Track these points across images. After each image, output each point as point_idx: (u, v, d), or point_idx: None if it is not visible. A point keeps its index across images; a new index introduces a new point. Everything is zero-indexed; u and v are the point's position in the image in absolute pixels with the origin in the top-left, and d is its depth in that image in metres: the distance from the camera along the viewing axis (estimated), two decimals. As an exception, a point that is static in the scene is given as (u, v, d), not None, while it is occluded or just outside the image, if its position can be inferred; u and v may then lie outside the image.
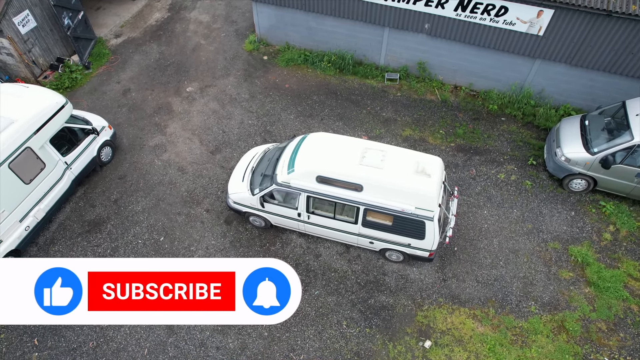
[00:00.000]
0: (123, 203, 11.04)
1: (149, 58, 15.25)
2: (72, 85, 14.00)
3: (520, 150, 12.28)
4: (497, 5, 11.64)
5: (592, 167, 10.59)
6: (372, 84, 14.24)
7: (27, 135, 9.23)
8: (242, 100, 13.73)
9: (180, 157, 12.12)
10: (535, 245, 10.29)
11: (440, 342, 8.85)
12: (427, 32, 12.99)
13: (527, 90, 13.10)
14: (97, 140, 11.16)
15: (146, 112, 13.35)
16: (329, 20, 14.00)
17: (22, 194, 9.39)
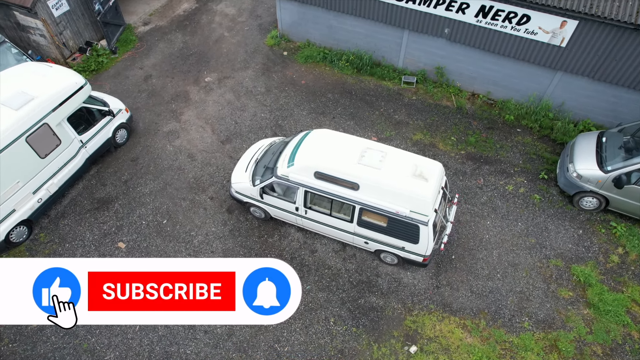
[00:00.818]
0: (132, 184, 11.43)
1: (173, 47, 15.68)
2: (97, 68, 14.57)
3: (532, 163, 11.97)
4: (519, 14, 11.38)
5: (605, 185, 10.22)
6: (388, 86, 14.18)
7: (45, 112, 9.68)
8: (258, 94, 13.94)
9: (191, 145, 12.43)
10: (536, 260, 10.03)
11: (426, 348, 8.77)
12: (446, 37, 12.83)
13: (546, 103, 12.75)
14: (112, 122, 11.59)
15: (164, 99, 13.75)
16: (350, 19, 14.03)
17: (37, 167, 9.86)
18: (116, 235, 10.40)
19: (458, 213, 10.86)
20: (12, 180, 9.41)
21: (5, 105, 9.38)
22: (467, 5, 11.83)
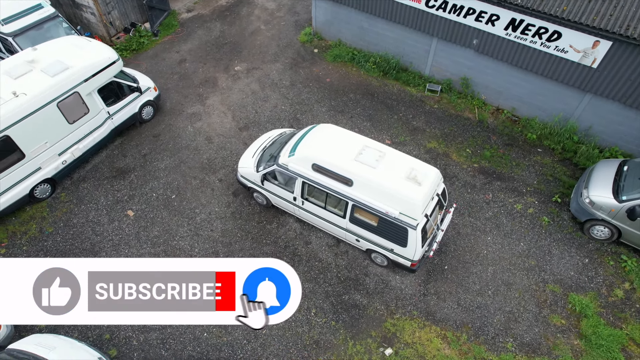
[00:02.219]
0: (150, 158, 12.10)
1: (210, 35, 16.38)
2: (138, 48, 15.49)
3: (547, 185, 11.56)
4: (550, 30, 11.05)
5: (618, 215, 9.73)
6: (412, 92, 14.13)
7: (77, 81, 10.49)
8: (282, 87, 14.32)
9: (210, 128, 12.97)
10: (532, 283, 9.71)
11: (401, 353, 8.73)
12: (474, 48, 12.65)
13: (572, 125, 12.26)
14: (140, 99, 12.33)
15: (193, 82, 14.42)
16: (381, 22, 14.11)
17: (65, 131, 10.69)
18: (127, 204, 11.06)
19: (459, 225, 10.70)
20: (41, 140, 10.26)
21: (44, 71, 10.25)
22: (497, 17, 11.62)
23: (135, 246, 10.25)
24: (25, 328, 8.66)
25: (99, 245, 10.25)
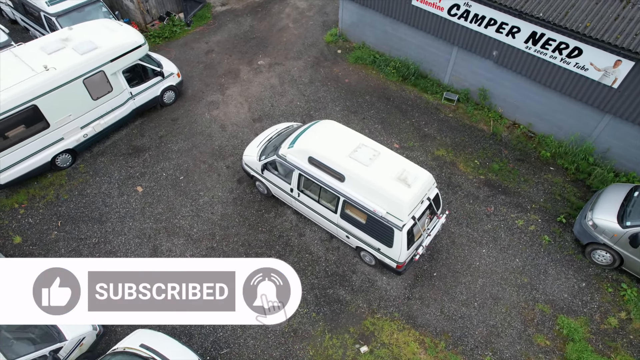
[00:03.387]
0: (165, 140, 12.71)
1: (240, 29, 16.95)
2: (170, 36, 16.26)
3: (554, 204, 11.26)
4: (571, 46, 10.79)
5: (620, 241, 9.38)
6: (428, 99, 14.09)
7: (103, 61, 11.20)
8: (301, 83, 14.64)
9: (226, 117, 13.46)
10: (521, 300, 9.50)
11: (376, 352, 8.78)
12: (494, 60, 12.49)
13: (589, 145, 11.87)
14: (162, 83, 12.98)
15: (217, 72, 14.98)
16: (404, 28, 14.18)
17: (88, 107, 11.42)
18: (138, 180, 11.68)
19: (454, 234, 10.61)
20: (65, 112, 11.02)
21: (74, 49, 11.02)
22: (517, 29, 11.46)
23: (139, 220, 10.81)
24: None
25: (107, 215, 10.88)
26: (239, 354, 8.74)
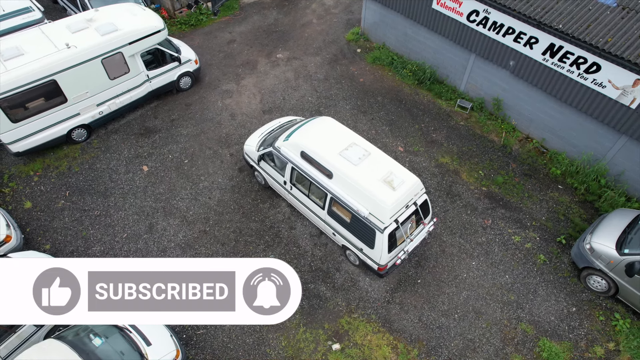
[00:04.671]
0: (176, 124, 13.13)
1: (264, 21, 17.21)
2: (196, 24, 16.72)
3: (556, 224, 10.86)
4: (589, 61, 10.35)
5: (616, 269, 8.96)
6: (442, 105, 13.86)
7: (122, 43, 11.68)
8: (315, 79, 14.72)
9: (237, 106, 13.74)
10: (504, 317, 9.25)
11: (347, 351, 8.80)
12: (510, 70, 12.14)
13: (602, 166, 11.36)
14: (179, 68, 13.39)
15: (235, 62, 15.30)
16: (423, 31, 13.98)
17: (105, 85, 11.96)
18: (144, 160, 12.14)
19: (446, 243, 10.44)
20: (83, 89, 11.59)
21: (96, 30, 11.57)
22: (536, 40, 11.09)
23: (141, 198, 11.25)
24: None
25: (111, 190, 11.39)
26: (214, 336, 8.98)
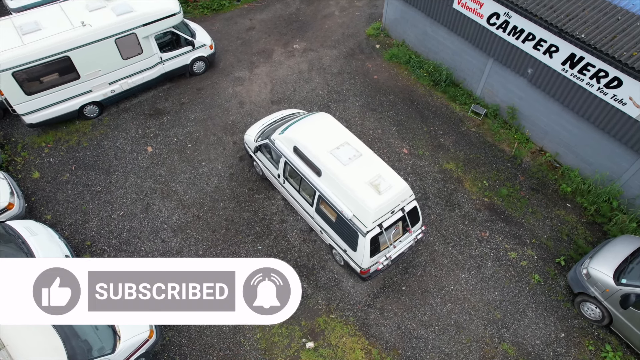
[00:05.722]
0: (185, 107, 13.28)
1: (286, 10, 17.07)
2: (218, 9, 16.78)
3: (557, 244, 10.36)
4: (611, 75, 9.72)
5: (611, 298, 8.48)
6: (455, 109, 13.40)
7: (136, 24, 11.86)
8: (328, 73, 14.53)
9: (247, 94, 13.76)
10: (487, 335, 8.95)
11: (320, 351, 8.76)
12: (528, 78, 11.57)
13: (616, 188, 10.72)
14: (192, 53, 13.50)
15: (251, 50, 15.29)
16: (443, 31, 13.50)
17: (117, 65, 12.20)
18: (150, 141, 12.37)
19: (437, 252, 10.16)
20: (96, 67, 11.87)
21: (112, 10, 11.78)
22: (556, 49, 10.50)
23: (141, 177, 11.50)
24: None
25: (114, 168, 11.69)
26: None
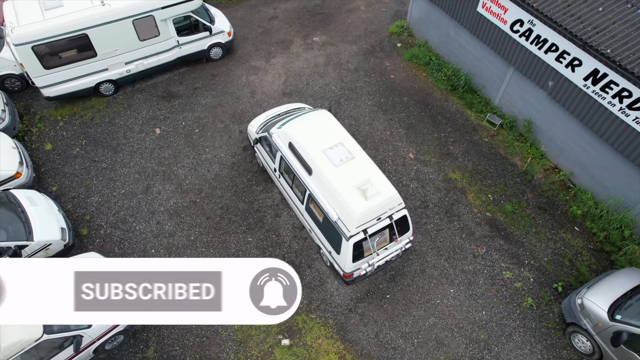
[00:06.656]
0: (198, 92, 13.39)
1: (311, 1, 16.85)
2: (243, -4, 16.77)
3: (558, 268, 9.87)
4: (634, 95, 9.08)
5: (603, 333, 8.01)
6: (470, 117, 12.91)
7: (154, 7, 11.97)
8: (344, 69, 14.28)
9: (260, 84, 13.72)
10: (467, 355, 8.66)
11: (295, 349, 8.73)
12: (548, 91, 10.97)
13: (629, 216, 10.08)
14: (210, 39, 13.54)
15: (271, 40, 15.21)
16: (465, 35, 12.97)
17: (134, 45, 12.40)
18: (159, 123, 12.57)
19: (428, 264, 9.89)
20: (113, 46, 12.11)
21: (132, -9, 11.96)
22: (579, 62, 9.89)
23: (146, 158, 11.71)
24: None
25: (122, 147, 11.96)
26: (175, 304, 9.26)
